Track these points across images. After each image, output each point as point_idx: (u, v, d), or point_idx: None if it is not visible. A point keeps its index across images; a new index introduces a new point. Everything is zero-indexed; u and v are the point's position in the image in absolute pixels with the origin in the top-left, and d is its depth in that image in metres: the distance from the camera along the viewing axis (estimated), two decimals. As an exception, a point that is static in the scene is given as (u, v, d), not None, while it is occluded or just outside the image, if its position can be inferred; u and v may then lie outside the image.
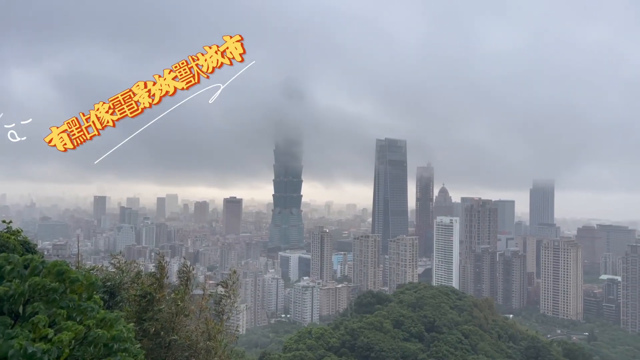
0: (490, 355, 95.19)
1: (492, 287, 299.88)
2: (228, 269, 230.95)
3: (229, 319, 13.89)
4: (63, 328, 6.52)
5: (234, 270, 14.36)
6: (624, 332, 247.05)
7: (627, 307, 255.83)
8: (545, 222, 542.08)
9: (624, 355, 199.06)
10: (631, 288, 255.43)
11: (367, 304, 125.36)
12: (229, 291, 13.78)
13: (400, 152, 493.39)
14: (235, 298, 14.15)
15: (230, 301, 13.87)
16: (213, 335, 13.19)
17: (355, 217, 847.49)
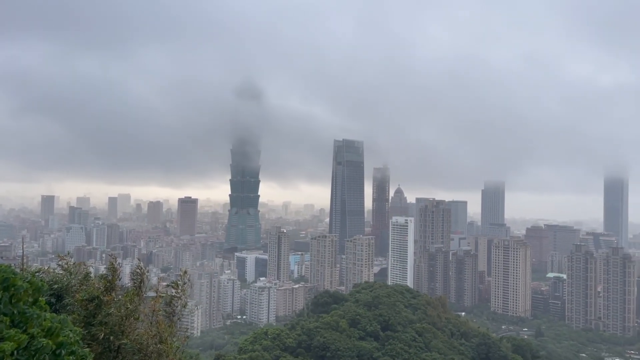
0: (443, 352, 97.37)
1: (445, 285, 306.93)
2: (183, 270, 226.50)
3: (180, 320, 13.67)
4: (5, 337, 6.28)
5: (184, 270, 14.12)
6: (569, 327, 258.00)
7: (571, 303, 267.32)
8: (496, 222, 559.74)
9: (568, 350, 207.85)
10: (575, 285, 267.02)
11: (324, 304, 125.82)
12: (179, 292, 13.56)
13: (357, 153, 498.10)
14: (186, 299, 13.94)
15: (181, 302, 13.65)
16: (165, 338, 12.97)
17: (313, 217, 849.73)
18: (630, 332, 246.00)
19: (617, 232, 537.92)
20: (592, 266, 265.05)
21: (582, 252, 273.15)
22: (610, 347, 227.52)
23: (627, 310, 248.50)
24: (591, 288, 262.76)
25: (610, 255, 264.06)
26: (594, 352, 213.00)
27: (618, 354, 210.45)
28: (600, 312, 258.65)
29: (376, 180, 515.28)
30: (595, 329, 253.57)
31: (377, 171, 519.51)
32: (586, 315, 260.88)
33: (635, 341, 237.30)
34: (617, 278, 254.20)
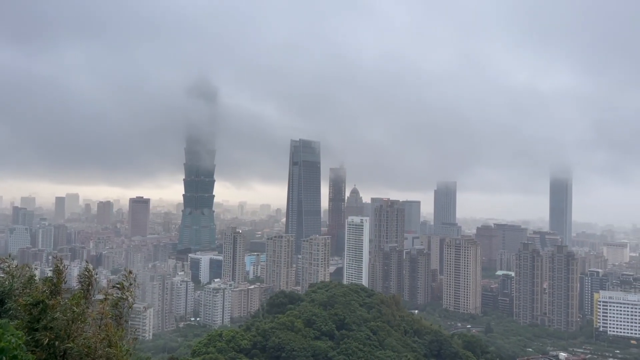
0: (396, 350, 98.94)
1: (399, 284, 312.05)
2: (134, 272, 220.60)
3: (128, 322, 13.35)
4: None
5: (129, 270, 13.79)
6: (517, 323, 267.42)
7: (519, 300, 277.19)
8: (448, 221, 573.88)
9: (516, 345, 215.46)
10: (523, 283, 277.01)
11: (280, 304, 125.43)
12: (125, 293, 13.23)
13: (313, 153, 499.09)
14: (133, 300, 13.62)
15: (128, 304, 13.33)
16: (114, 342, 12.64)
17: (269, 217, 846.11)
18: (574, 326, 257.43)
19: (562, 231, 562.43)
20: (539, 264, 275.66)
21: (529, 251, 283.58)
22: (554, 341, 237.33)
23: (571, 306, 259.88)
24: (537, 285, 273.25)
25: (555, 253, 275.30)
26: (539, 346, 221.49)
27: (562, 348, 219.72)
28: (545, 308, 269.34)
29: (332, 180, 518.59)
30: (541, 324, 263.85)
31: (334, 171, 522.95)
32: (533, 311, 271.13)
33: (578, 335, 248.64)
34: (561, 275, 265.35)
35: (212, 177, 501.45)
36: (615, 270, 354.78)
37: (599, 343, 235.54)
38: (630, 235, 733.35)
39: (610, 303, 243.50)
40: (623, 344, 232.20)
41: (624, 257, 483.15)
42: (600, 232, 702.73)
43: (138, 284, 14.64)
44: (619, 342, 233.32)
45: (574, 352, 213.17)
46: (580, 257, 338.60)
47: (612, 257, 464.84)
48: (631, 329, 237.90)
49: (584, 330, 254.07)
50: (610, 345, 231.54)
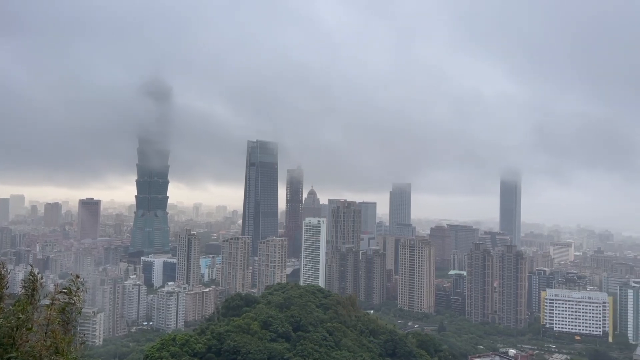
0: (352, 350, 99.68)
1: (355, 284, 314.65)
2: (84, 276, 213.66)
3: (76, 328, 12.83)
4: None
5: (76, 275, 13.26)
6: (468, 321, 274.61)
7: (471, 299, 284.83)
8: (403, 222, 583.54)
9: (468, 343, 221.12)
10: (474, 282, 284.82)
11: (235, 307, 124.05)
12: (73, 298, 12.70)
13: (271, 154, 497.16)
14: (81, 305, 13.11)
15: (76, 309, 12.80)
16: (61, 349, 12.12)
17: (225, 219, 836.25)
18: (522, 324, 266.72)
19: (511, 231, 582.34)
20: (489, 263, 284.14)
21: (481, 251, 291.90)
22: (504, 338, 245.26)
23: (519, 304, 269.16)
24: (488, 284, 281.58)
25: (505, 253, 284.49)
26: (490, 343, 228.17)
27: (511, 345, 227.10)
28: (496, 306, 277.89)
29: (290, 181, 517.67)
30: (491, 322, 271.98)
31: (291, 173, 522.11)
32: (484, 310, 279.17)
33: (526, 332, 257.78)
34: (511, 274, 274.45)
35: (165, 178, 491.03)
36: (561, 269, 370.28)
37: (546, 339, 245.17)
38: (575, 235, 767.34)
39: (556, 300, 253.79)
40: (568, 339, 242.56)
41: (569, 256, 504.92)
42: (547, 232, 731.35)
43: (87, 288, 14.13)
44: (564, 338, 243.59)
45: (522, 348, 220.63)
46: (528, 256, 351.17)
47: (558, 256, 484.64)
48: (575, 325, 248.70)
49: (532, 327, 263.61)
50: (556, 341, 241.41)
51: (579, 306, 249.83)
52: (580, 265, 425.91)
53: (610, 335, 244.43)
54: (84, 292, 13.29)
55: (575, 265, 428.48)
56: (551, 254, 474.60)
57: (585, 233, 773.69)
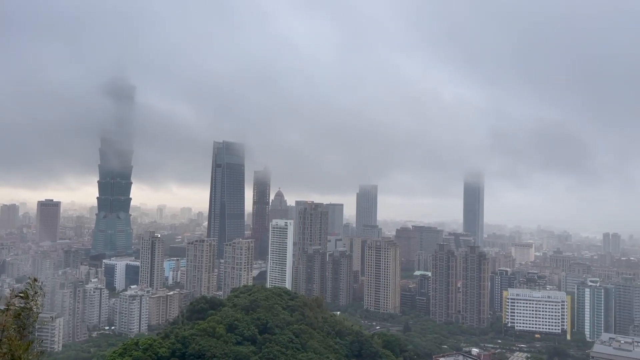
0: (319, 352, 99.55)
1: (322, 285, 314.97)
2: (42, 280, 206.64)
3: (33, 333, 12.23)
4: None
5: (34, 278, 12.67)
6: (433, 321, 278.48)
7: (435, 299, 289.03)
8: (370, 223, 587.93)
9: (432, 343, 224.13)
10: (439, 282, 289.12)
11: (200, 310, 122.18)
12: (30, 302, 12.11)
13: (237, 155, 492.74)
14: (39, 310, 12.50)
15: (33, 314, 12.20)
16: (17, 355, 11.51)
17: (190, 221, 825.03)
18: (485, 323, 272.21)
19: (475, 232, 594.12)
20: (453, 264, 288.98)
21: (445, 251, 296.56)
22: (467, 337, 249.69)
23: (482, 304, 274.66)
24: (452, 284, 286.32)
25: (469, 253, 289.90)
26: (454, 343, 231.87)
27: (474, 344, 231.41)
28: (460, 306, 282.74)
29: (257, 183, 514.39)
30: (455, 321, 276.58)
31: (258, 174, 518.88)
32: (448, 310, 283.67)
33: (489, 331, 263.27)
34: (474, 274, 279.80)
35: (128, 179, 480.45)
36: (522, 269, 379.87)
37: (507, 338, 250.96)
38: (535, 236, 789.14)
39: (517, 300, 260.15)
40: (528, 338, 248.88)
41: (530, 257, 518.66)
42: (509, 234, 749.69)
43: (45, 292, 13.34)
44: (525, 337, 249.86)
45: (485, 347, 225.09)
46: (491, 257, 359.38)
47: (519, 256, 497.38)
48: (535, 323, 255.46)
49: (494, 326, 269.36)
50: (517, 339, 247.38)
51: (539, 305, 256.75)
52: (541, 265, 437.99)
53: (569, 333, 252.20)
54: (41, 297, 12.65)
55: (536, 265, 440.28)
56: (513, 254, 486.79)
57: (545, 234, 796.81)
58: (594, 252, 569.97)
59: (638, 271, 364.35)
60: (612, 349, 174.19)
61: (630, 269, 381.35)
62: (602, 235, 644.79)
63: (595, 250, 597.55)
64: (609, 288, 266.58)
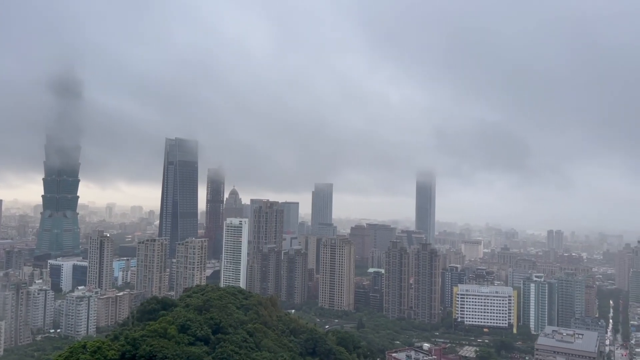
0: (273, 350, 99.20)
1: (277, 284, 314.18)
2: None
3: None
4: None
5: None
6: (386, 317, 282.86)
7: (388, 295, 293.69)
8: (325, 222, 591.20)
9: (385, 339, 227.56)
10: (392, 279, 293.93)
11: (151, 311, 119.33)
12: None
13: (190, 153, 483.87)
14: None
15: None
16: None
17: (141, 220, 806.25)
18: (436, 318, 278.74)
19: (426, 230, 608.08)
20: (406, 261, 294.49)
21: (398, 249, 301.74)
22: (419, 333, 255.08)
23: (433, 300, 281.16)
24: (405, 281, 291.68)
25: (421, 250, 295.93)
26: (406, 338, 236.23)
27: (426, 339, 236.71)
28: (412, 302, 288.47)
29: (210, 181, 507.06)
30: (407, 317, 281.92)
31: (212, 172, 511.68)
32: (400, 306, 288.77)
33: (440, 326, 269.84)
34: (425, 271, 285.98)
35: (76, 176, 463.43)
36: (471, 265, 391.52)
37: (457, 332, 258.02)
38: (484, 233, 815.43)
39: (467, 295, 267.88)
40: (477, 332, 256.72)
41: (479, 253, 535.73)
42: (459, 231, 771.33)
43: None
44: (474, 331, 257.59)
45: (436, 342, 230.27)
46: (442, 254, 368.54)
47: (468, 253, 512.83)
48: (484, 318, 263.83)
49: (445, 321, 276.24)
50: (467, 334, 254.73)
51: (487, 300, 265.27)
52: (489, 261, 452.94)
53: (515, 327, 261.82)
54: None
55: (484, 261, 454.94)
56: (462, 251, 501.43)
57: (493, 231, 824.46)
58: (539, 249, 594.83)
59: (579, 266, 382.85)
60: (555, 340, 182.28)
61: (571, 264, 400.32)
62: (547, 232, 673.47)
63: (540, 247, 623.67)
64: (552, 283, 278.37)
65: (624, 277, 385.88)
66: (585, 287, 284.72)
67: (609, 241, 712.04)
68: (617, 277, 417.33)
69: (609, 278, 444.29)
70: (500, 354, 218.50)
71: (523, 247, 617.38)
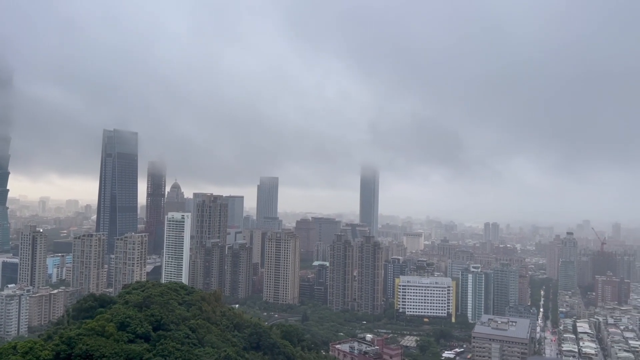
0: (216, 346, 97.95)
1: (220, 279, 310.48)
2: None
3: None
4: None
5: None
6: (330, 310, 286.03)
7: (332, 288, 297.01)
8: (270, 215, 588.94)
9: (329, 331, 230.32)
10: (336, 272, 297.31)
11: (88, 309, 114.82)
12: None
13: (130, 145, 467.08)
14: None
15: None
16: None
17: (77, 214, 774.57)
18: (379, 309, 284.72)
19: (370, 223, 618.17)
20: (350, 253, 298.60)
21: (342, 242, 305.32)
22: (362, 324, 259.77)
23: (376, 291, 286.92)
24: (349, 273, 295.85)
25: (364, 243, 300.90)
26: (350, 330, 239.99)
27: (368, 330, 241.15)
28: (355, 294, 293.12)
29: (151, 174, 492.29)
30: (351, 309, 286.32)
31: (152, 165, 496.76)
32: (344, 298, 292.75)
33: (382, 317, 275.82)
34: (369, 263, 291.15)
35: (5, 169, 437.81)
36: (413, 257, 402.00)
37: (399, 323, 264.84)
38: (425, 226, 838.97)
39: (408, 286, 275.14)
40: (418, 322, 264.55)
41: (420, 245, 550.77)
42: (401, 224, 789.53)
43: None
44: (415, 321, 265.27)
45: (378, 332, 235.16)
46: (384, 246, 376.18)
47: (410, 245, 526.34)
48: (424, 308, 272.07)
49: (387, 312, 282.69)
50: (408, 324, 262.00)
51: (427, 291, 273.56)
52: (429, 253, 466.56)
53: (453, 316, 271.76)
54: None
55: (425, 253, 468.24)
56: (404, 243, 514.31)
57: (433, 224, 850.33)
58: (476, 240, 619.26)
59: (513, 257, 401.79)
60: (491, 328, 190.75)
61: (506, 255, 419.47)
62: (484, 224, 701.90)
63: (477, 239, 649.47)
64: (488, 273, 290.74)
65: (554, 266, 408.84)
66: (518, 277, 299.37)
67: (541, 233, 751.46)
68: (548, 266, 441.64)
69: (541, 268, 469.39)
70: (439, 342, 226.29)
71: (462, 239, 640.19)
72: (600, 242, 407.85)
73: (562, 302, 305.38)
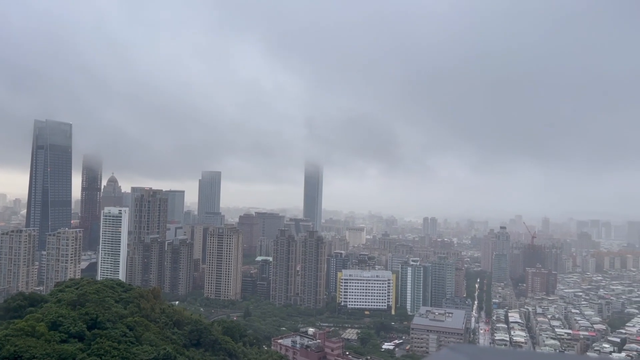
0: (155, 344, 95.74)
1: (160, 276, 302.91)
2: None
3: None
4: None
5: None
6: (273, 305, 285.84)
7: (276, 283, 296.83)
8: (212, 210, 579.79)
9: (271, 326, 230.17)
10: (279, 266, 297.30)
11: (17, 308, 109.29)
12: None
13: (64, 136, 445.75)
14: None
15: None
16: None
17: (5, 208, 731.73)
18: (321, 303, 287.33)
19: (314, 218, 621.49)
20: (293, 248, 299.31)
21: (286, 237, 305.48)
22: (305, 318, 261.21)
23: (319, 285, 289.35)
24: (292, 268, 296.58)
25: (308, 238, 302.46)
26: (292, 324, 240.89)
27: (311, 324, 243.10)
28: (298, 289, 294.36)
29: (86, 167, 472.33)
30: (294, 304, 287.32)
31: (88, 158, 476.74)
32: (287, 293, 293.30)
33: (324, 311, 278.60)
34: (312, 257, 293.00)
35: None
36: (355, 251, 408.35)
37: (341, 316, 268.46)
38: (367, 221, 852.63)
39: (350, 280, 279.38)
40: (359, 315, 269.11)
41: (362, 240, 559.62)
42: (344, 219, 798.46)
43: None
44: (357, 314, 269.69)
45: (320, 326, 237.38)
46: (328, 241, 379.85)
47: (352, 239, 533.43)
48: (365, 301, 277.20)
49: (330, 306, 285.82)
50: (350, 317, 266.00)
51: (368, 284, 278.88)
52: (371, 247, 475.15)
53: (393, 308, 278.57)
54: None
55: (367, 247, 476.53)
56: (347, 238, 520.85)
57: (375, 219, 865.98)
58: (415, 235, 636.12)
59: (450, 251, 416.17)
60: (429, 320, 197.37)
61: (444, 248, 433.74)
62: (423, 219, 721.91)
63: (416, 233, 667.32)
64: (427, 266, 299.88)
65: (488, 259, 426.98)
66: (455, 269, 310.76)
67: (476, 227, 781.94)
68: (483, 259, 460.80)
69: (476, 261, 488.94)
70: (379, 334, 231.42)
71: (402, 234, 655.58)
72: (531, 236, 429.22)
73: (495, 294, 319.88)
